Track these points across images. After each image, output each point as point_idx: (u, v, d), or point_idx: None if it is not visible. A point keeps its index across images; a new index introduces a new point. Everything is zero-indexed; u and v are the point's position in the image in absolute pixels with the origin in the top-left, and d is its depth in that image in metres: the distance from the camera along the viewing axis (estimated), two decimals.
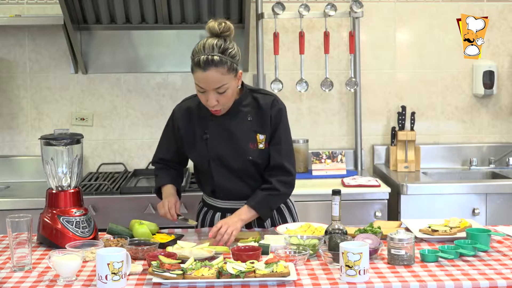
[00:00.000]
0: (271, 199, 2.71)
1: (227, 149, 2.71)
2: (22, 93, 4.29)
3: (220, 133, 2.71)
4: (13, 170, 4.23)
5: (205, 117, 2.73)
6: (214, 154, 2.72)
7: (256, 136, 2.70)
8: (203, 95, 2.59)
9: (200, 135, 2.74)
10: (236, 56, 2.57)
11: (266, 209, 2.70)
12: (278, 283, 2.09)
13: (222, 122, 2.71)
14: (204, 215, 2.90)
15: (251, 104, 2.72)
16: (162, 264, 2.11)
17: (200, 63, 2.51)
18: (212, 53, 2.50)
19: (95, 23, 4.18)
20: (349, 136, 4.43)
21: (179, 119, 2.80)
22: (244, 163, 2.70)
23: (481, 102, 4.49)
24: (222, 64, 2.51)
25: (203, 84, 2.54)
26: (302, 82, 4.23)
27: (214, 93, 2.55)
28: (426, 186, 3.86)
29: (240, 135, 2.70)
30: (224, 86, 2.54)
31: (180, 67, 4.33)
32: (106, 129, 4.35)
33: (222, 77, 2.52)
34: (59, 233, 2.49)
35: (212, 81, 2.52)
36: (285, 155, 2.72)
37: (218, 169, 2.73)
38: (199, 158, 2.77)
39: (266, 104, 2.71)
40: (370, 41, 4.41)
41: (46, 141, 2.56)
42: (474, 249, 2.36)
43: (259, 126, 2.71)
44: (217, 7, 4.09)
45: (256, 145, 2.70)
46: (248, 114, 2.71)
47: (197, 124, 2.75)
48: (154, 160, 2.99)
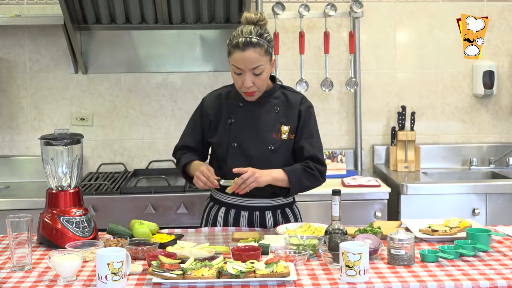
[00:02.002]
0: (304, 174, 2.74)
1: (249, 136, 2.74)
2: (22, 93, 4.29)
3: (246, 120, 2.77)
4: (13, 170, 4.23)
5: (233, 103, 2.80)
6: (235, 139, 2.75)
7: (281, 127, 2.76)
8: (239, 78, 2.67)
9: (225, 120, 2.79)
10: (271, 42, 2.70)
11: (297, 180, 2.72)
12: (278, 283, 2.09)
13: (250, 110, 2.77)
14: (209, 210, 2.91)
15: (280, 97, 2.81)
16: (162, 264, 2.11)
17: (239, 44, 2.62)
18: (250, 36, 2.62)
19: (95, 23, 4.18)
20: (349, 136, 4.43)
21: (209, 104, 2.85)
22: (264, 152, 2.72)
23: (481, 102, 4.49)
24: (259, 46, 2.63)
25: (241, 64, 2.63)
26: (302, 82, 4.23)
27: (251, 74, 2.64)
28: (426, 186, 3.86)
29: (265, 123, 2.76)
30: (260, 67, 2.64)
31: (180, 67, 4.34)
32: (106, 129, 4.35)
33: (259, 57, 2.63)
34: (59, 233, 2.49)
35: (250, 61, 2.62)
36: (317, 148, 2.80)
37: (236, 156, 2.73)
38: (219, 141, 2.78)
39: (295, 100, 2.81)
40: (370, 41, 4.41)
41: (46, 141, 2.56)
42: (474, 249, 2.36)
43: (285, 118, 2.78)
44: (217, 7, 4.10)
45: (280, 135, 2.76)
46: (276, 106, 2.79)
47: (225, 109, 2.81)
48: (177, 147, 2.93)
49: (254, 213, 2.82)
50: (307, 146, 2.77)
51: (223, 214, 2.84)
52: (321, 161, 2.78)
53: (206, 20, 4.21)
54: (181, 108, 4.36)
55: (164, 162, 4.28)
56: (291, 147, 2.79)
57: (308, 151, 2.77)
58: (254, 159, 2.73)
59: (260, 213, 2.82)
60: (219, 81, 4.29)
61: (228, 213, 2.83)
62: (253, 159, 2.73)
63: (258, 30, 2.65)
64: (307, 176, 2.74)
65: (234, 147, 2.75)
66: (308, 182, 2.76)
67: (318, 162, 2.77)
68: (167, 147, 4.35)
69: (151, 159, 4.33)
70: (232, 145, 2.75)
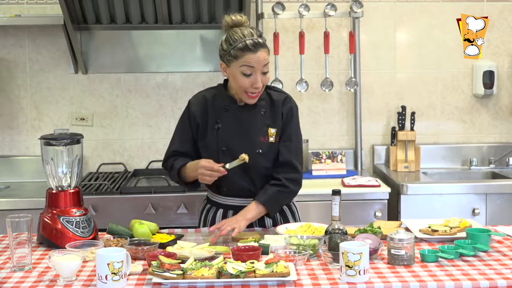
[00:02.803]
0: (280, 195, 2.74)
1: (237, 140, 2.73)
2: (22, 93, 4.29)
3: (233, 124, 2.76)
4: (13, 170, 4.23)
5: (219, 108, 2.79)
6: (224, 144, 2.74)
7: (268, 130, 2.76)
8: (248, 79, 2.66)
9: (212, 125, 2.78)
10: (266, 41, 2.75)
11: (275, 205, 2.74)
12: (278, 283, 2.09)
13: (236, 114, 2.77)
14: (206, 212, 2.91)
15: (265, 99, 2.80)
16: (162, 264, 2.11)
17: (249, 46, 2.63)
18: (255, 37, 2.65)
19: (95, 23, 4.18)
20: (349, 136, 4.43)
21: (195, 107, 2.84)
22: (253, 156, 2.70)
23: (481, 102, 4.49)
24: (266, 46, 2.69)
25: (255, 64, 2.64)
26: (302, 82, 4.23)
27: (260, 74, 2.66)
28: (426, 186, 3.86)
29: (252, 127, 2.75)
30: (268, 66, 2.69)
31: (180, 67, 4.34)
32: (106, 129, 4.35)
33: (267, 56, 2.68)
34: (59, 233, 2.49)
35: (262, 61, 2.65)
36: (294, 152, 2.78)
37: (225, 159, 2.72)
38: (208, 147, 2.77)
39: (278, 100, 2.80)
40: (370, 41, 4.41)
41: (46, 141, 2.56)
42: (474, 249, 2.36)
43: (271, 120, 2.77)
44: (217, 7, 4.10)
45: (267, 139, 2.75)
46: (262, 108, 2.78)
47: (211, 114, 2.80)
48: (167, 155, 2.90)
49: None
50: (282, 150, 2.76)
51: (221, 215, 2.84)
52: (295, 167, 2.76)
53: (206, 20, 4.21)
54: (181, 108, 4.29)
55: None
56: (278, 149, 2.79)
57: (283, 155, 2.76)
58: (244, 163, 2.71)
59: None
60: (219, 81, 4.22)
61: (226, 214, 2.82)
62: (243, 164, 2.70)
63: (256, 31, 2.68)
64: (283, 196, 2.77)
65: (223, 151, 2.74)
66: (286, 200, 2.83)
67: (291, 169, 2.75)
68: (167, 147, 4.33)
69: (151, 159, 4.33)
70: (222, 150, 2.75)
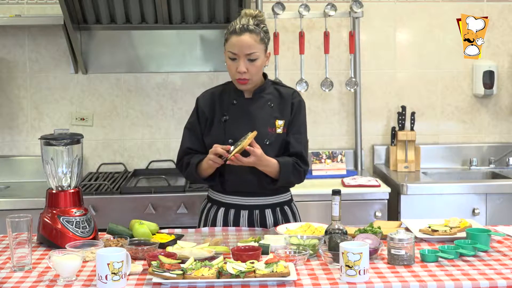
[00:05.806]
0: (294, 170, 2.75)
1: (244, 132, 2.70)
2: (22, 93, 4.29)
3: (240, 117, 2.77)
4: (13, 170, 4.23)
5: (227, 102, 2.81)
6: (231, 136, 2.74)
7: (275, 122, 2.78)
8: (234, 63, 2.69)
9: (219, 118, 2.79)
10: (267, 33, 2.75)
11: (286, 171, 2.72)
12: (278, 283, 2.09)
13: (244, 106, 2.79)
14: (207, 211, 2.90)
15: (272, 93, 2.83)
16: (162, 264, 2.11)
17: (236, 29, 2.67)
18: (248, 23, 2.68)
19: (95, 23, 4.18)
20: (349, 136, 4.43)
21: (203, 103, 2.85)
22: (261, 147, 2.68)
23: (481, 102, 4.49)
24: (255, 33, 2.68)
25: (236, 48, 2.66)
26: (302, 82, 4.23)
27: (245, 60, 2.67)
28: (426, 186, 3.86)
29: (260, 119, 2.77)
30: (255, 54, 2.68)
31: (180, 67, 4.34)
32: (106, 129, 4.35)
33: (254, 44, 2.67)
34: (59, 233, 2.49)
35: (245, 46, 2.66)
36: (304, 145, 2.83)
37: None
38: (214, 140, 2.75)
39: (287, 94, 2.84)
40: (370, 41, 4.41)
41: (46, 141, 2.56)
42: (474, 249, 2.36)
43: (279, 113, 2.80)
44: (217, 7, 4.10)
45: (275, 130, 2.78)
46: (269, 101, 2.80)
47: (219, 108, 2.82)
48: (181, 154, 2.87)
49: (254, 212, 2.82)
50: (293, 142, 2.79)
51: (223, 214, 2.84)
52: (305, 160, 2.81)
53: (206, 20, 4.21)
54: (181, 108, 4.35)
55: (164, 162, 4.29)
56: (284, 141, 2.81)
57: (294, 147, 2.79)
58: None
59: (260, 211, 2.82)
60: (219, 81, 4.24)
61: (227, 213, 2.83)
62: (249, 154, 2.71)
63: (256, 21, 2.70)
64: (295, 172, 2.77)
65: (230, 143, 2.74)
66: (293, 179, 2.80)
67: (302, 160, 2.80)
68: (167, 147, 4.35)
69: (151, 159, 4.33)
70: (229, 142, 2.74)
